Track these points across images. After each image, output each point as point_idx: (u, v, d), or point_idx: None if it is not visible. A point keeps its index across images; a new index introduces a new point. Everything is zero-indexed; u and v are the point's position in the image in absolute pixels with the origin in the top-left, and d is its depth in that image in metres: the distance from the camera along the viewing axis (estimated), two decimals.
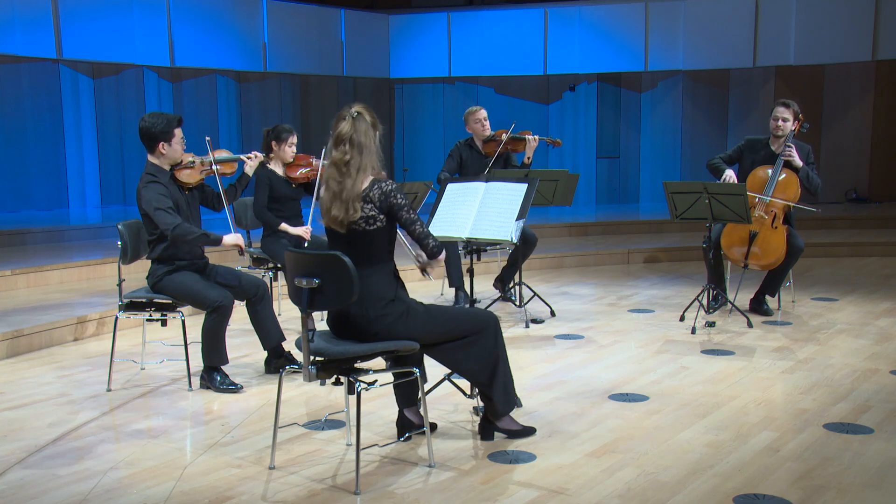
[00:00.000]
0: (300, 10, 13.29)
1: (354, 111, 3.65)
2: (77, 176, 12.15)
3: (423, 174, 13.82)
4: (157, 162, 4.79)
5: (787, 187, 6.42)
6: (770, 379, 4.99)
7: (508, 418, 4.02)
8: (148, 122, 4.74)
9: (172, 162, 4.81)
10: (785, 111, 6.52)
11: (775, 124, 6.54)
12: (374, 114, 3.72)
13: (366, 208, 3.59)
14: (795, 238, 6.48)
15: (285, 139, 6.07)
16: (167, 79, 12.67)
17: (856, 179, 13.40)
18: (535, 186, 4.74)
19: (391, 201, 3.61)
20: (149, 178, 4.74)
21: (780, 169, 6.43)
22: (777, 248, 6.39)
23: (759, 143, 6.67)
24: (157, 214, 4.62)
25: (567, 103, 14.24)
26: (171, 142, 4.75)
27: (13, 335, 5.72)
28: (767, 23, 12.84)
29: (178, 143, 4.79)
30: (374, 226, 3.61)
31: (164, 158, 4.78)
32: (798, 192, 6.43)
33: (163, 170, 4.80)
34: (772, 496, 3.36)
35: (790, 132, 6.50)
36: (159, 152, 4.76)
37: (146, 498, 3.42)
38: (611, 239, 10.60)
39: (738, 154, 6.72)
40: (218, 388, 4.81)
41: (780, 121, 6.51)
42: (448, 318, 3.77)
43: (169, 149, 4.76)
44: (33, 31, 10.85)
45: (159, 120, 4.74)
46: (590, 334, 6.17)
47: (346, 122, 3.63)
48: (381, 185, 3.62)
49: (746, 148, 6.71)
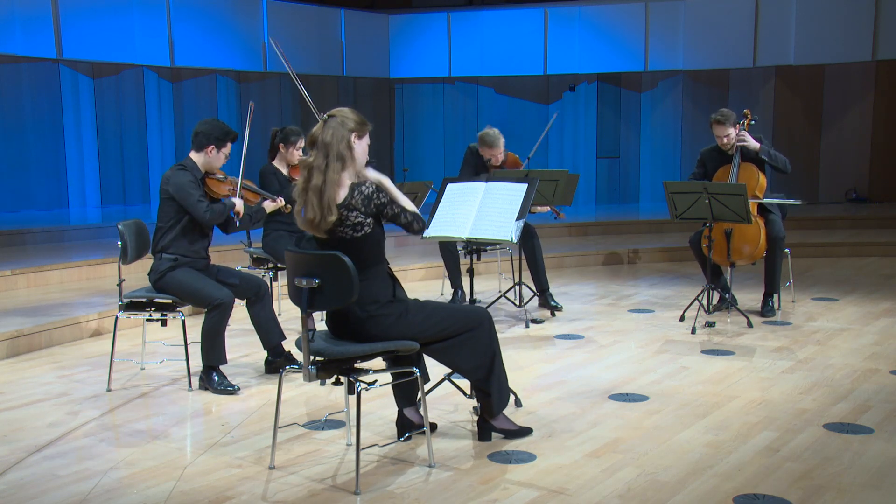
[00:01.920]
0: (300, 10, 13.29)
1: (325, 114, 3.68)
2: (77, 176, 12.15)
3: (423, 174, 13.82)
4: (196, 161, 4.95)
5: (748, 178, 6.40)
6: (770, 379, 4.99)
7: (504, 418, 4.02)
8: (211, 124, 4.97)
9: (210, 169, 4.98)
10: (721, 129, 6.44)
11: (720, 142, 6.50)
12: (359, 115, 3.70)
13: (351, 216, 3.58)
14: (773, 226, 6.47)
15: (294, 142, 6.07)
16: (167, 79, 12.68)
17: (856, 179, 13.40)
18: (535, 186, 4.73)
19: (374, 202, 3.60)
20: (181, 167, 4.90)
21: (737, 167, 6.43)
22: (754, 238, 6.40)
23: (715, 151, 6.66)
24: (190, 200, 4.79)
25: (567, 103, 14.24)
26: (220, 150, 4.95)
27: (13, 335, 5.72)
28: (767, 23, 12.84)
29: (224, 156, 4.99)
30: (361, 232, 3.60)
31: (206, 161, 4.94)
32: (760, 179, 6.41)
33: (198, 169, 4.95)
34: (772, 496, 3.36)
35: (737, 135, 6.44)
36: (206, 153, 4.93)
37: (146, 498, 3.42)
38: (611, 239, 10.59)
39: (703, 167, 6.72)
40: (215, 388, 4.81)
41: (724, 138, 6.46)
42: (444, 316, 3.77)
43: (215, 155, 4.94)
44: (33, 31, 10.86)
45: (222, 126, 4.99)
46: (590, 334, 6.17)
47: (318, 126, 3.66)
48: (361, 190, 3.59)
49: (706, 159, 6.71)
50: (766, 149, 6.45)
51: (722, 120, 6.45)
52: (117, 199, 12.55)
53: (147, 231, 5.19)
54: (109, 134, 12.39)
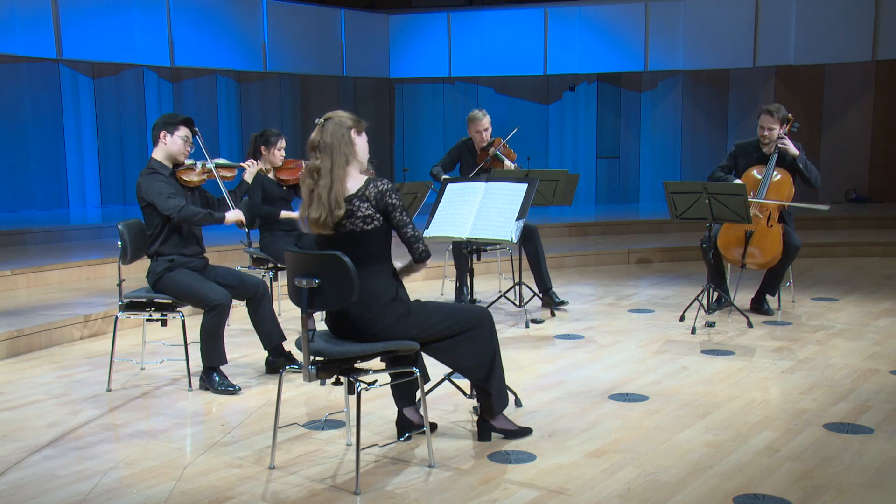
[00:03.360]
0: (300, 10, 13.29)
1: (321, 118, 3.70)
2: (77, 176, 12.15)
3: (423, 174, 13.75)
4: (159, 158, 4.88)
5: (780, 187, 6.40)
6: (770, 379, 4.99)
7: (504, 418, 4.02)
8: (160, 117, 4.94)
9: (173, 158, 4.89)
10: (769, 120, 6.42)
11: (762, 133, 6.47)
12: (354, 116, 3.74)
13: (362, 207, 3.60)
14: (791, 237, 6.47)
15: (274, 143, 6.10)
16: (167, 79, 12.67)
17: (856, 179, 13.40)
18: (535, 186, 4.73)
19: (386, 200, 3.63)
20: (149, 171, 4.85)
21: (773, 169, 6.41)
22: (773, 246, 6.38)
23: (751, 146, 6.64)
24: (159, 199, 4.73)
25: (567, 103, 14.24)
26: (173, 134, 4.85)
27: (13, 335, 5.72)
28: (767, 23, 12.84)
29: (181, 140, 4.87)
30: (371, 225, 3.62)
31: (165, 151, 4.86)
32: (792, 191, 6.42)
33: (164, 166, 4.89)
34: (772, 496, 3.36)
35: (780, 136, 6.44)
36: (161, 142, 4.85)
37: (146, 498, 3.42)
38: (611, 239, 10.60)
39: (733, 161, 6.68)
40: (216, 389, 4.81)
41: (766, 130, 6.44)
42: (445, 316, 3.77)
43: (170, 139, 4.85)
44: (33, 31, 10.85)
45: (168, 114, 4.95)
46: (590, 334, 6.17)
47: (315, 131, 3.69)
48: (376, 184, 3.64)
49: (739, 153, 6.68)
50: (804, 158, 6.43)
51: (772, 111, 6.41)
52: (117, 199, 12.55)
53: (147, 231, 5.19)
54: (109, 134, 12.39)
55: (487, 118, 7.06)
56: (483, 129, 7.02)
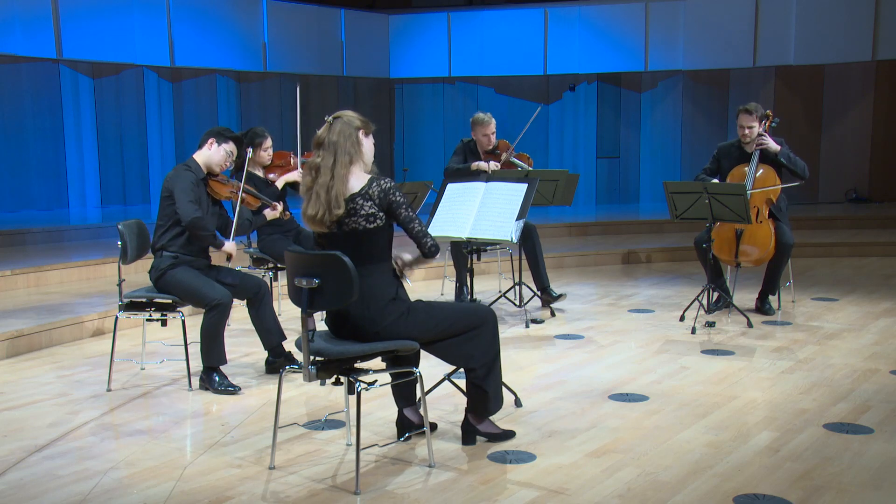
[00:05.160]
0: (300, 10, 13.29)
1: (332, 116, 3.71)
2: (77, 176, 12.15)
3: (423, 174, 13.82)
4: (199, 161, 5.00)
5: (765, 181, 6.40)
6: (770, 379, 4.99)
7: (489, 422, 4.01)
8: (216, 126, 5.11)
9: (211, 166, 5.02)
10: (748, 118, 6.43)
11: (742, 133, 6.49)
12: (362, 116, 3.75)
13: (365, 206, 3.60)
14: (783, 234, 6.46)
15: (259, 143, 6.07)
16: (167, 79, 12.68)
17: (856, 179, 13.40)
18: (535, 186, 4.73)
19: (390, 198, 3.63)
20: (185, 167, 4.96)
21: (756, 164, 6.43)
22: (764, 242, 6.39)
23: (732, 147, 6.66)
24: (181, 196, 4.81)
25: (567, 103, 14.24)
26: (220, 144, 4.99)
27: (13, 335, 5.72)
28: (767, 23, 12.84)
29: (225, 153, 5.03)
30: (373, 223, 3.62)
31: (206, 157, 4.99)
32: (777, 182, 6.42)
33: (200, 170, 4.99)
34: (772, 496, 3.36)
35: (758, 135, 6.45)
36: (207, 147, 4.99)
37: (146, 498, 3.42)
38: (611, 239, 10.60)
39: (716, 163, 6.70)
40: (216, 389, 4.81)
41: (746, 129, 6.45)
42: (448, 315, 3.77)
43: (216, 148, 5.00)
44: (33, 31, 10.85)
45: (225, 127, 5.12)
46: (590, 334, 6.17)
47: (323, 128, 3.69)
48: (380, 183, 3.64)
49: (721, 155, 6.69)
50: (787, 152, 6.43)
51: (751, 110, 6.43)
52: (117, 199, 12.55)
53: (147, 231, 5.20)
54: (109, 134, 12.40)
55: (494, 122, 7.04)
56: (490, 132, 7.00)
